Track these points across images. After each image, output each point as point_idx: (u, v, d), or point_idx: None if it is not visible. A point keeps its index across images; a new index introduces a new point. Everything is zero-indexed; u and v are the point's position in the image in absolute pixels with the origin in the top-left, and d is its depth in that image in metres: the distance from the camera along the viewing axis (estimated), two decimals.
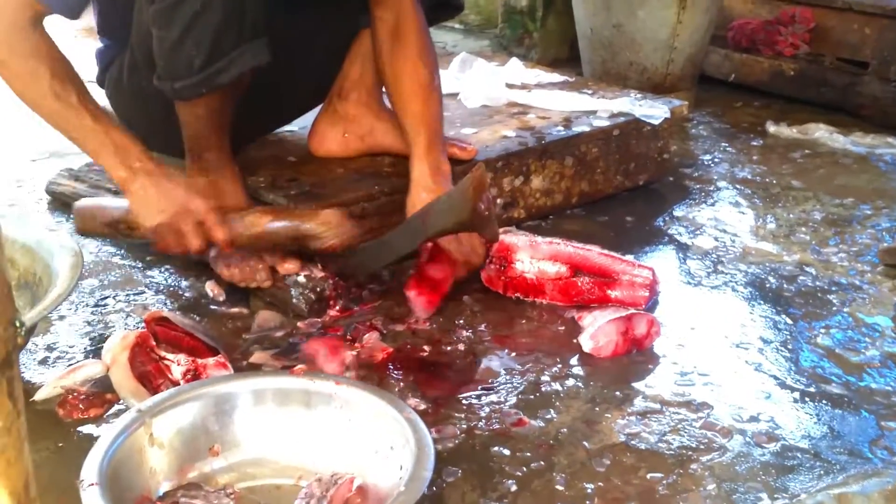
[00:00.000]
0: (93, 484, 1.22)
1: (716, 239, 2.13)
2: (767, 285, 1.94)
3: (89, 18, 1.97)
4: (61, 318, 1.77)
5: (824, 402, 1.57)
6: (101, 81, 1.99)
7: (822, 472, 1.40)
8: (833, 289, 1.92)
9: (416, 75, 1.93)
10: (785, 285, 1.94)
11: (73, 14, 1.69)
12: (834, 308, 1.85)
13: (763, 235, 2.15)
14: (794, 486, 1.36)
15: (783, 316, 1.83)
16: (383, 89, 2.03)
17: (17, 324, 0.55)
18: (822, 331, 1.77)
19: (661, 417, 1.52)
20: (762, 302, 1.88)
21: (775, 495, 1.35)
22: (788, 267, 2.01)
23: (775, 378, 1.63)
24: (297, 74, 1.97)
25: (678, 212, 2.27)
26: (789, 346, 1.73)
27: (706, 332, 1.77)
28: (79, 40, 2.05)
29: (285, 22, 1.78)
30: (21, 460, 0.57)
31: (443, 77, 2.48)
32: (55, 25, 1.70)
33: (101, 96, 1.88)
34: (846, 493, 1.33)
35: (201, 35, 1.66)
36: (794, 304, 1.87)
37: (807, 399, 1.57)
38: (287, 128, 2.25)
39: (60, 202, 2.23)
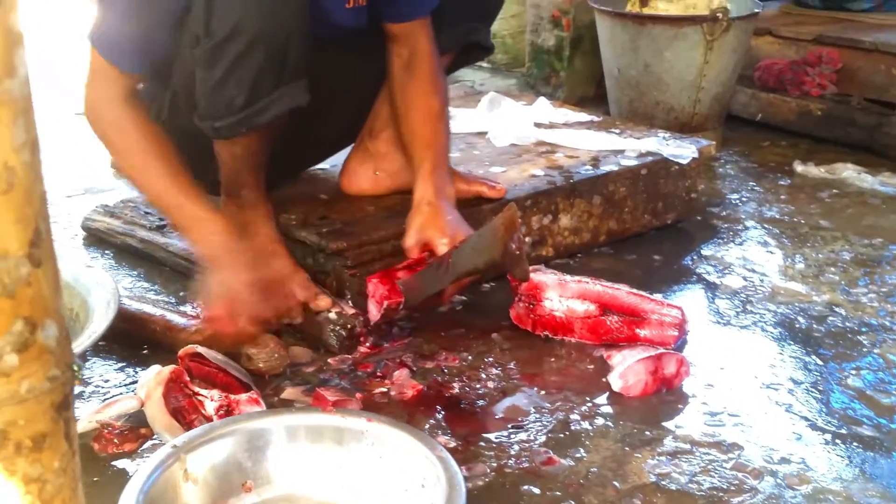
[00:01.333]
0: None
1: (744, 278, 2.13)
2: (797, 325, 1.93)
3: None
4: (97, 352, 1.78)
5: (856, 444, 1.56)
6: None
7: None
8: (863, 329, 1.91)
9: (426, 106, 1.96)
10: (814, 326, 1.93)
11: (145, 69, 1.81)
12: (864, 349, 1.84)
13: (792, 275, 2.14)
14: None
15: (813, 357, 1.82)
16: None
17: (75, 367, 0.56)
18: (853, 372, 1.76)
19: (692, 458, 1.52)
20: (792, 342, 1.87)
21: None
22: (818, 307, 2.00)
23: (806, 419, 1.62)
24: (331, 114, 1.99)
25: (706, 251, 2.27)
26: (820, 388, 1.72)
27: (736, 372, 1.76)
28: None
29: (321, 64, 1.80)
30: (75, 500, 0.58)
31: (471, 116, 2.53)
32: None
33: None
34: None
35: (243, 76, 1.69)
36: (824, 345, 1.86)
37: (838, 441, 1.56)
38: (319, 166, 2.26)
39: (96, 238, 2.25)
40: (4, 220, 0.52)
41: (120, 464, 1.48)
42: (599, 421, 1.61)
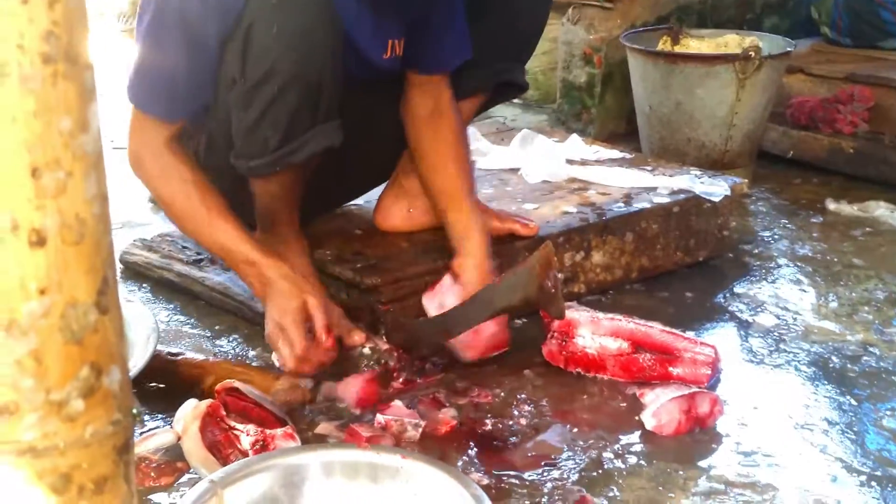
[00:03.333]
0: None
1: (777, 317, 2.12)
2: (831, 365, 1.92)
3: None
4: (135, 386, 1.79)
5: (891, 486, 1.55)
6: None
7: None
8: None
9: (452, 150, 1.99)
10: (849, 365, 1.92)
11: (187, 117, 1.84)
12: None
13: (825, 314, 2.13)
14: None
15: (847, 397, 1.81)
16: None
17: (134, 412, 0.58)
18: (888, 413, 1.75)
19: (726, 499, 1.51)
20: (826, 382, 1.86)
21: None
22: (852, 346, 1.99)
23: (841, 461, 1.61)
24: (366, 152, 2.01)
25: (738, 288, 2.26)
26: (855, 428, 1.71)
27: (769, 412, 1.76)
28: None
29: (356, 105, 1.83)
30: None
31: (499, 152, 2.54)
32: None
33: None
34: None
35: (277, 117, 1.71)
36: (859, 385, 1.85)
37: (873, 483, 1.55)
38: (353, 202, 2.28)
39: (134, 272, 2.27)
40: (75, 270, 0.54)
41: (156, 497, 1.49)
42: (632, 460, 1.61)
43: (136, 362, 1.57)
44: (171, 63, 1.75)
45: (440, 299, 1.89)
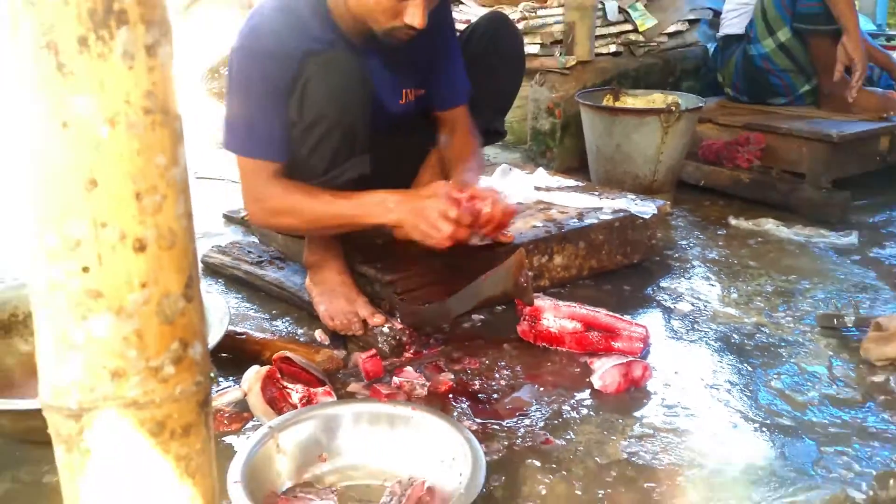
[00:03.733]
0: (236, 482, 1.24)
1: (692, 304, 2.12)
2: (732, 341, 1.92)
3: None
4: (213, 357, 1.79)
5: (777, 431, 1.55)
6: None
7: (776, 485, 1.38)
8: (782, 344, 1.90)
9: (468, 151, 2.00)
10: (746, 341, 1.92)
11: (286, 157, 1.76)
12: (783, 359, 1.83)
13: (728, 302, 2.13)
14: (755, 497, 1.35)
15: (745, 364, 1.81)
16: None
17: (212, 375, 0.57)
18: (775, 376, 1.75)
19: (654, 440, 1.51)
20: (728, 353, 1.86)
21: (742, 503, 1.33)
22: (748, 327, 1.99)
23: (740, 412, 1.61)
24: (386, 179, 2.00)
25: (663, 283, 2.26)
26: (750, 388, 1.71)
27: (687, 376, 1.75)
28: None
29: (380, 143, 1.83)
30: (210, 473, 0.59)
31: (488, 181, 2.54)
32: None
33: None
34: (795, 501, 1.32)
35: (324, 152, 1.72)
36: (753, 356, 1.84)
37: (764, 429, 1.55)
38: None
39: (212, 270, 2.27)
40: (168, 269, 0.54)
41: (228, 439, 1.50)
42: (584, 411, 1.61)
43: (213, 339, 1.57)
44: (263, 113, 1.72)
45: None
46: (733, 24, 3.30)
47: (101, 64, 0.49)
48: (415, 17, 1.65)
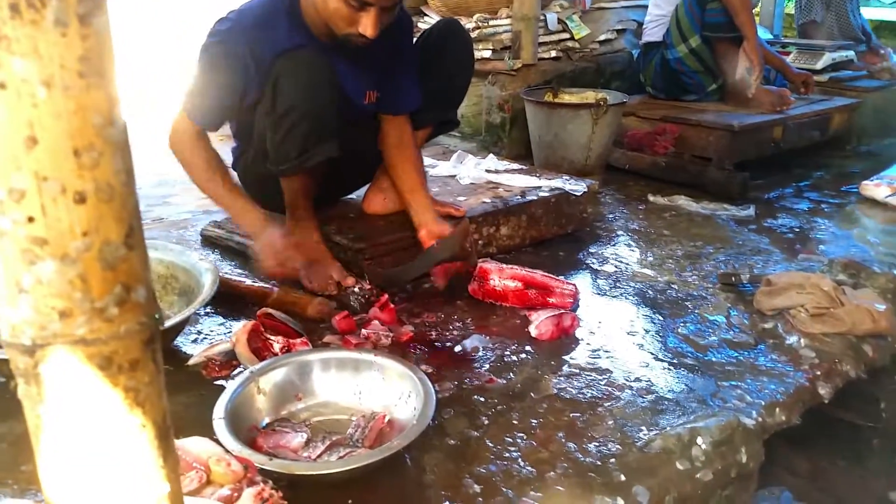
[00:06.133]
0: (221, 418, 1.20)
1: (615, 266, 2.11)
2: (647, 296, 1.91)
3: (228, 128, 1.97)
4: (207, 314, 1.75)
5: (683, 369, 1.54)
6: (234, 167, 2.00)
7: (680, 413, 1.37)
8: (689, 298, 1.89)
9: (413, 165, 1.93)
10: (658, 296, 1.91)
11: (215, 128, 1.73)
12: (689, 310, 1.82)
13: (645, 265, 2.12)
14: (663, 423, 1.34)
15: (657, 315, 1.80)
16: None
17: (158, 316, 0.54)
18: (682, 325, 1.75)
19: (580, 378, 1.50)
20: (644, 306, 1.85)
21: (651, 428, 1.32)
22: (661, 284, 1.98)
23: (652, 354, 1.61)
24: (355, 164, 1.97)
25: (592, 249, 2.24)
26: (661, 334, 1.70)
27: (609, 325, 1.75)
28: (223, 142, 2.04)
29: (348, 134, 1.79)
30: (160, 402, 0.55)
31: (444, 165, 2.50)
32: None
33: (235, 177, 1.86)
34: (695, 427, 1.31)
35: (296, 137, 1.67)
36: (664, 307, 1.84)
37: (671, 367, 1.55)
38: (348, 196, 2.23)
39: (209, 242, 2.22)
40: (108, 219, 0.50)
41: (219, 383, 1.46)
42: (522, 356, 1.59)
43: (205, 296, 1.53)
44: (214, 90, 1.68)
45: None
46: (653, 33, 3.27)
47: (35, 30, 0.45)
48: (367, 27, 1.60)
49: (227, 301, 1.75)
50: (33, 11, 0.44)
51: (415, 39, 2.02)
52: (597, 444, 1.28)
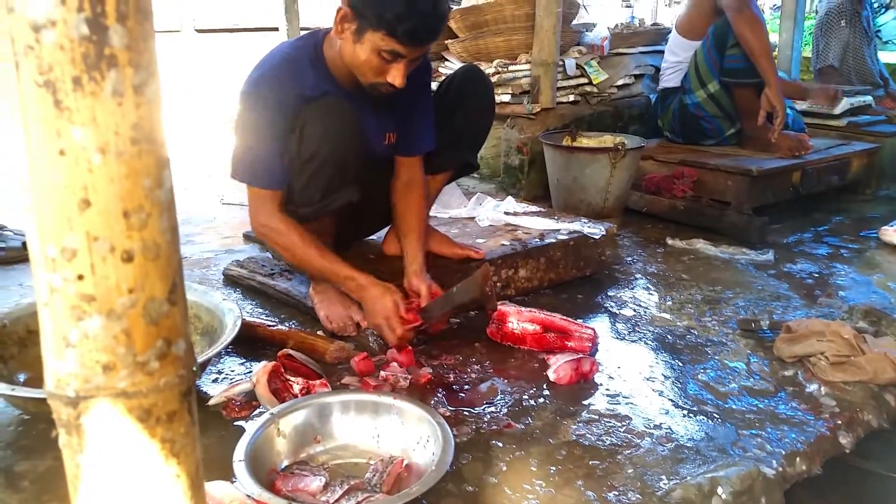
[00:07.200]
0: (241, 460, 1.21)
1: (634, 310, 2.11)
2: (666, 341, 1.91)
3: None
4: (228, 353, 1.77)
5: (703, 416, 1.53)
6: None
7: (701, 462, 1.36)
8: (708, 344, 1.88)
9: (415, 209, 1.95)
10: (678, 341, 1.90)
11: (283, 185, 1.75)
12: (708, 356, 1.82)
13: (664, 309, 2.12)
14: (683, 472, 1.33)
15: (677, 360, 1.79)
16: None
17: (195, 368, 0.55)
18: (702, 371, 1.74)
19: (599, 424, 1.49)
20: (663, 351, 1.84)
21: (671, 478, 1.31)
22: (680, 329, 1.97)
23: (672, 401, 1.60)
24: (375, 207, 2.00)
25: (611, 293, 2.25)
26: (680, 381, 1.69)
27: (628, 370, 1.74)
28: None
29: (369, 177, 1.82)
30: (194, 454, 0.57)
31: (466, 207, 2.53)
32: None
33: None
34: (715, 477, 1.30)
35: (319, 182, 1.70)
36: (684, 353, 1.83)
37: (691, 415, 1.54)
38: (368, 237, 2.26)
39: (231, 281, 2.25)
40: (153, 276, 0.52)
41: (238, 424, 1.47)
42: (541, 400, 1.59)
43: (227, 338, 1.54)
44: (267, 146, 1.70)
45: None
46: (670, 79, 3.32)
47: (94, 101, 0.48)
48: (396, 77, 1.64)
49: (248, 341, 1.77)
50: (93, 84, 0.47)
51: (437, 85, 2.07)
52: (616, 493, 1.27)
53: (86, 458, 0.54)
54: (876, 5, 6.13)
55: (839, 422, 1.53)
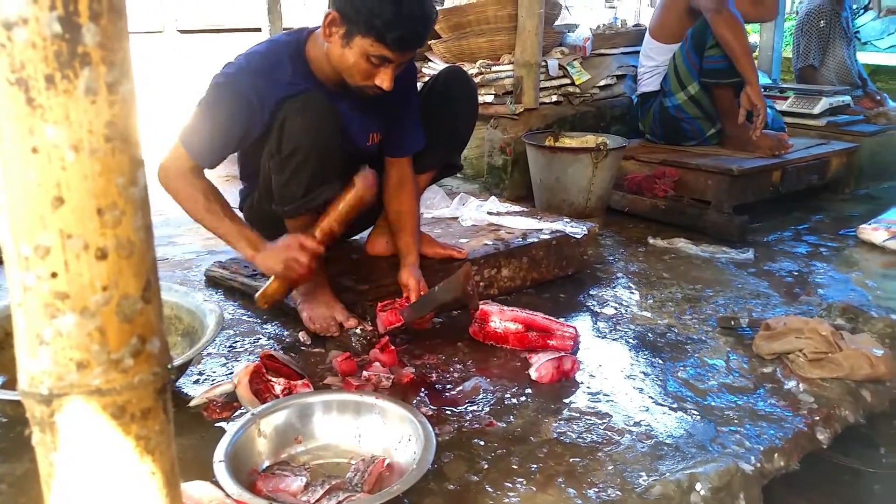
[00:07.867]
0: (221, 461, 1.21)
1: (615, 309, 2.12)
2: (647, 339, 1.92)
3: (234, 169, 2.01)
4: (209, 354, 1.76)
5: (682, 413, 1.55)
6: (241, 208, 2.02)
7: (680, 459, 1.38)
8: (688, 342, 1.90)
9: (410, 211, 1.96)
10: (658, 339, 1.92)
11: (211, 166, 1.73)
12: (689, 354, 1.83)
13: (645, 307, 2.13)
14: (662, 468, 1.34)
15: (657, 358, 1.81)
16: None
17: (169, 366, 0.56)
18: (682, 368, 1.75)
19: (580, 422, 1.50)
20: (644, 349, 1.86)
21: (650, 474, 1.32)
22: (660, 327, 1.99)
23: (652, 398, 1.61)
24: None
25: (592, 292, 2.26)
26: (661, 378, 1.71)
27: (609, 368, 1.75)
28: (230, 183, 2.07)
29: (352, 175, 1.81)
30: (169, 451, 0.57)
31: (449, 207, 2.54)
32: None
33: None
34: (694, 473, 1.32)
35: (300, 179, 1.70)
36: (664, 351, 1.85)
37: (671, 412, 1.55)
38: (352, 237, 2.26)
39: (213, 282, 2.24)
40: (127, 274, 0.52)
41: (219, 425, 1.47)
42: (523, 398, 1.60)
43: (209, 338, 1.54)
44: (216, 128, 1.69)
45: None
46: (649, 83, 3.34)
47: (67, 99, 0.48)
48: (384, 81, 1.65)
49: (229, 342, 1.76)
50: (66, 82, 0.47)
51: (421, 86, 2.07)
52: (596, 489, 1.28)
53: (59, 455, 0.54)
54: (855, 6, 6.21)
55: (817, 418, 1.55)
